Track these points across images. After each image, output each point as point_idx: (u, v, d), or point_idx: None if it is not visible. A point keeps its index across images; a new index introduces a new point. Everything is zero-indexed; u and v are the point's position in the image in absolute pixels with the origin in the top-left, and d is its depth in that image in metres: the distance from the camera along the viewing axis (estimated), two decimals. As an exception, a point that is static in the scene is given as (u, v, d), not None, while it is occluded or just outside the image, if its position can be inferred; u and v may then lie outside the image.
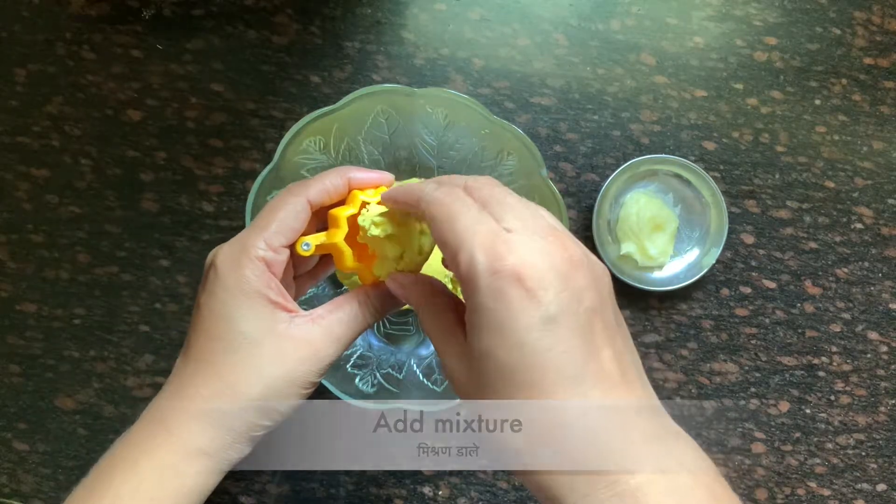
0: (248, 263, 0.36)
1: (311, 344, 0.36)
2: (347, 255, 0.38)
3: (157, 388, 0.41)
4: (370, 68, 0.57)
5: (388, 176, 0.40)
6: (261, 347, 0.35)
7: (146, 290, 0.55)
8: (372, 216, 0.37)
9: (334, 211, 0.39)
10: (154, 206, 0.56)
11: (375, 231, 0.37)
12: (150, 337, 0.55)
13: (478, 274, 0.30)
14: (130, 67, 0.56)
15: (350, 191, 0.39)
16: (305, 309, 0.37)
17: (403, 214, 0.38)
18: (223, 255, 0.36)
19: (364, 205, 0.39)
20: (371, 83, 0.57)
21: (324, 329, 0.37)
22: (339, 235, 0.38)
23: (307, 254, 0.38)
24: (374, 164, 0.52)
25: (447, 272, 0.50)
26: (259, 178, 0.46)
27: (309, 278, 0.43)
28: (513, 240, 0.30)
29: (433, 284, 0.37)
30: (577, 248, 0.31)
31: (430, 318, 0.35)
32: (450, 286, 0.51)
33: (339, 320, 0.37)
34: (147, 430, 0.36)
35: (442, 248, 0.32)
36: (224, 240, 0.38)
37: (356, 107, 0.46)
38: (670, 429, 0.31)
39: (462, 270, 0.30)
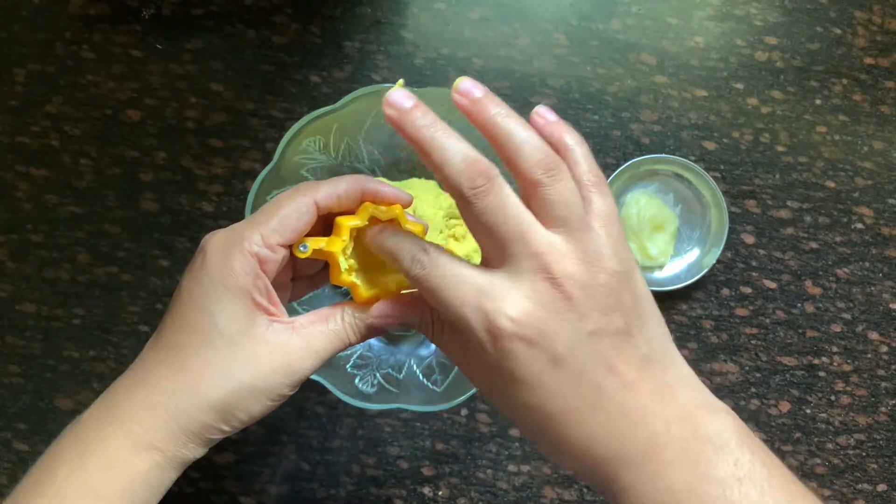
0: (239, 256, 0.33)
1: (287, 354, 0.34)
2: (341, 268, 0.36)
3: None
4: (370, 68, 0.57)
5: (405, 196, 0.37)
6: (233, 348, 0.33)
7: (146, 290, 0.55)
8: (347, 259, 0.36)
9: (340, 219, 0.36)
10: (154, 206, 0.56)
11: (347, 277, 0.36)
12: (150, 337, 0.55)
13: (479, 337, 0.31)
14: (130, 67, 0.56)
15: (363, 202, 0.37)
16: (306, 310, 0.37)
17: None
18: (215, 241, 0.34)
19: (375, 221, 0.36)
20: (371, 83, 0.57)
21: (302, 340, 0.34)
22: (337, 245, 0.36)
23: (303, 255, 0.36)
24: (374, 164, 0.52)
25: (441, 209, 0.50)
26: (259, 178, 0.46)
27: (308, 283, 0.41)
28: (498, 292, 0.31)
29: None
30: (577, 267, 0.31)
31: (447, 339, 0.34)
32: (444, 237, 0.50)
33: (322, 334, 0.35)
34: (99, 418, 0.34)
35: (443, 317, 0.33)
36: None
37: (356, 107, 0.46)
38: (696, 402, 0.32)
39: (465, 335, 0.32)
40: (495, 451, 0.55)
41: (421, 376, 0.50)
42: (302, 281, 0.40)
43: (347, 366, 0.50)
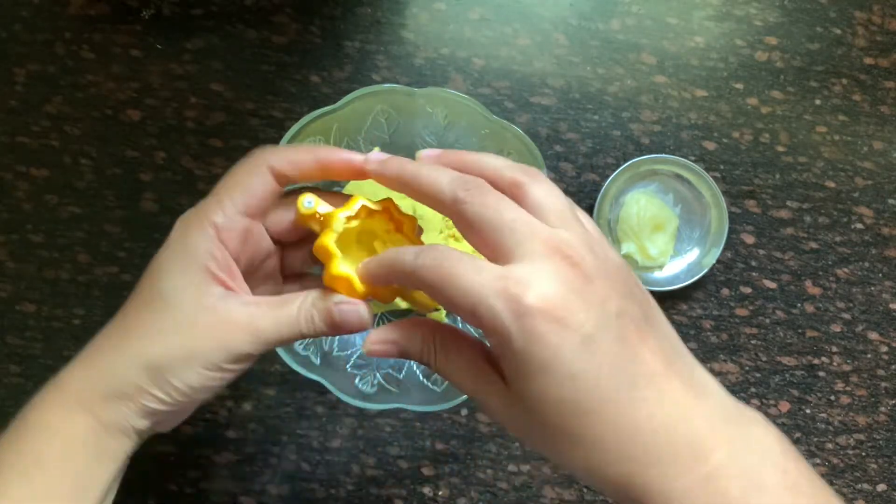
0: (197, 229, 0.33)
1: (229, 327, 0.33)
2: (335, 260, 0.34)
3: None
4: (370, 68, 0.57)
5: (356, 157, 0.35)
6: (174, 312, 0.33)
7: (146, 290, 0.55)
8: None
9: (332, 212, 0.35)
10: (154, 206, 0.56)
11: (339, 271, 0.34)
12: (150, 337, 0.55)
13: (504, 323, 0.29)
14: (130, 67, 0.56)
15: (320, 167, 0.35)
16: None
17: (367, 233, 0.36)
18: (181, 219, 0.34)
19: (368, 211, 0.35)
20: (371, 83, 0.57)
21: (248, 318, 0.33)
22: (329, 236, 0.34)
23: (309, 211, 0.34)
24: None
25: (443, 220, 0.49)
26: (259, 178, 0.46)
27: (296, 282, 0.40)
28: (521, 276, 0.29)
29: (444, 326, 0.34)
30: (587, 253, 0.30)
31: (457, 368, 0.33)
32: (444, 237, 0.50)
33: (271, 317, 0.34)
34: (45, 387, 0.35)
35: (453, 310, 0.31)
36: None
37: (356, 107, 0.46)
38: (730, 404, 0.31)
39: (487, 324, 0.30)
40: (495, 451, 0.55)
41: (421, 376, 0.50)
42: (291, 279, 0.40)
43: (347, 366, 0.49)
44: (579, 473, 0.31)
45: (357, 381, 0.49)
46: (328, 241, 0.34)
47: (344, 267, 0.34)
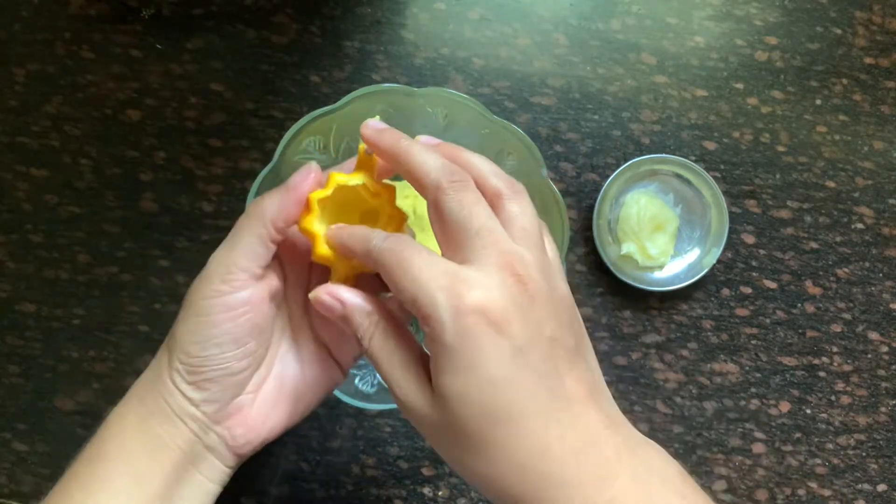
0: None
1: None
2: (319, 240, 0.36)
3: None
4: (370, 68, 0.57)
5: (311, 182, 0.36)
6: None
7: (146, 290, 0.55)
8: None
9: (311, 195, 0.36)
10: (153, 206, 0.56)
11: (325, 251, 0.36)
12: (150, 337, 0.55)
13: (442, 316, 0.30)
14: (130, 67, 0.56)
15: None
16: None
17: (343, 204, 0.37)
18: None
19: (343, 189, 0.36)
20: (371, 83, 0.57)
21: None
22: (308, 221, 0.36)
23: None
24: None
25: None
26: (258, 178, 0.46)
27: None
28: (470, 277, 0.30)
29: (394, 317, 0.35)
30: (538, 275, 0.31)
31: (389, 355, 0.33)
32: None
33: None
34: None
35: (399, 295, 0.32)
36: (223, 240, 0.37)
37: (356, 106, 0.46)
38: (637, 438, 0.33)
39: (424, 314, 0.30)
40: (495, 452, 0.55)
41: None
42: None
43: (347, 366, 0.49)
44: (478, 482, 0.31)
45: (357, 381, 0.49)
46: (308, 225, 0.36)
47: (318, 226, 0.36)
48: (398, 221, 0.37)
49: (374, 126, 0.35)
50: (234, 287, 0.35)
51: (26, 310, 0.55)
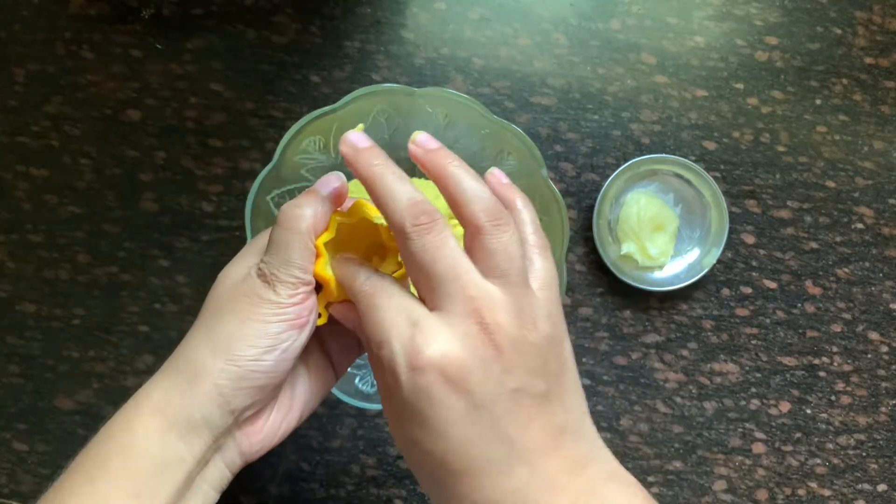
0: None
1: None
2: (330, 285, 0.35)
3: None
4: (370, 68, 0.57)
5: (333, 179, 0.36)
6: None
7: (145, 290, 0.55)
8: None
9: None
10: (153, 206, 0.56)
11: (325, 272, 0.35)
12: (150, 337, 0.55)
13: (398, 370, 0.30)
14: (130, 67, 0.56)
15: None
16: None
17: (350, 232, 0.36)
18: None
19: (343, 227, 0.36)
20: (371, 83, 0.57)
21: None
22: (321, 265, 0.35)
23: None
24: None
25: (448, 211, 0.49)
26: (259, 178, 0.46)
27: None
28: (430, 328, 0.30)
29: None
30: (508, 320, 0.30)
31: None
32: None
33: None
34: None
35: (366, 344, 0.32)
36: (223, 240, 0.37)
37: (356, 107, 0.46)
38: (605, 475, 0.32)
39: (385, 364, 0.30)
40: (495, 452, 0.55)
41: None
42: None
43: (347, 366, 0.49)
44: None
45: (357, 381, 0.49)
46: (319, 268, 0.35)
47: (327, 269, 0.35)
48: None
49: (352, 143, 0.33)
50: (289, 297, 0.34)
51: (26, 310, 0.55)
